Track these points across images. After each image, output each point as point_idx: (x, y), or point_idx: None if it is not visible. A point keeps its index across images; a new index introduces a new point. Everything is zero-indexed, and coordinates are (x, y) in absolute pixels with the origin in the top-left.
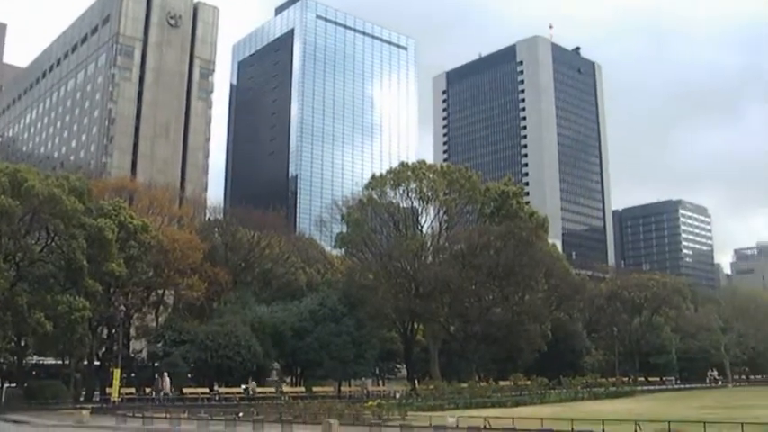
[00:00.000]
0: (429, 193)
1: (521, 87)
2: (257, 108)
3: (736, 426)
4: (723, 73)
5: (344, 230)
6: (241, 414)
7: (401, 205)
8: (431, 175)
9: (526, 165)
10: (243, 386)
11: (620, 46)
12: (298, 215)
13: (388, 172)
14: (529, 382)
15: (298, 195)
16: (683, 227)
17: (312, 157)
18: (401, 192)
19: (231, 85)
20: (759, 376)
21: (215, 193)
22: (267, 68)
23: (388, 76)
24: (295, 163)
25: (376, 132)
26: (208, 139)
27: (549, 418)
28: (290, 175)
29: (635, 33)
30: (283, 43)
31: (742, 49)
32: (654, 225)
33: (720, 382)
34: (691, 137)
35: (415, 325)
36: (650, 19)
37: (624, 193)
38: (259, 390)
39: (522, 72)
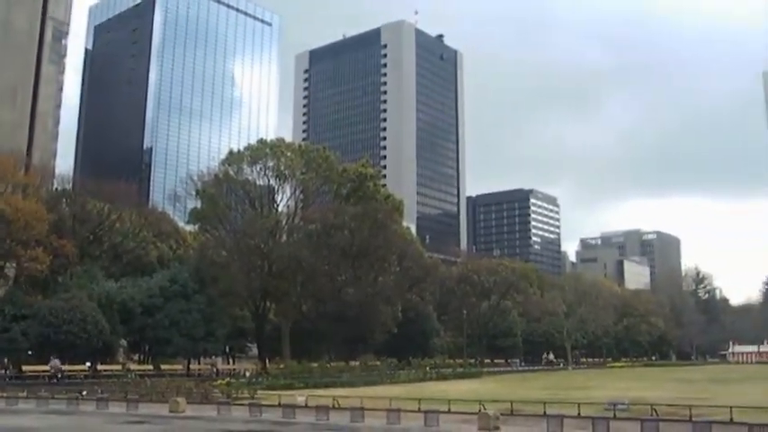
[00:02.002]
0: (286, 172)
1: (383, 71)
2: (113, 76)
3: (573, 405)
4: (583, 67)
5: (199, 206)
6: (84, 392)
7: (257, 183)
8: (289, 154)
9: (385, 148)
10: (49, 364)
11: (484, 35)
12: (151, 188)
13: (246, 149)
14: (379, 363)
15: (152, 168)
16: (533, 215)
17: (169, 129)
18: (258, 169)
19: (86, 50)
20: (597, 359)
21: (66, 162)
22: (125, 35)
23: (251, 52)
24: (151, 135)
25: (236, 108)
26: (59, 106)
27: (397, 398)
28: (144, 146)
29: (499, 23)
30: (143, 10)
31: (603, 44)
32: (506, 212)
33: (562, 365)
34: (548, 128)
35: (268, 304)
36: (515, 10)
37: (480, 180)
38: (105, 368)
39: (385, 56)
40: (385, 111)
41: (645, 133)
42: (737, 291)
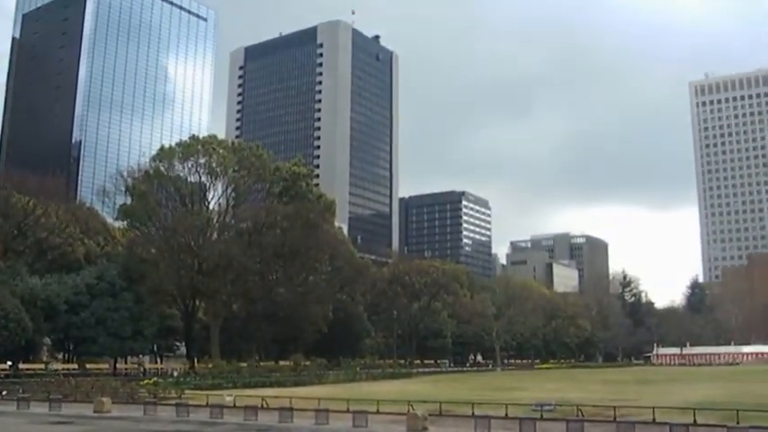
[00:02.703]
0: (218, 169)
1: (319, 70)
2: (42, 66)
3: (501, 406)
4: (517, 71)
5: (129, 202)
6: (5, 392)
7: (189, 179)
8: (221, 151)
9: (318, 147)
10: None
11: (421, 38)
12: (80, 183)
13: (178, 145)
14: (309, 363)
15: (81, 162)
16: (464, 217)
17: (99, 123)
18: (190, 166)
19: (13, 39)
20: (525, 360)
21: None
22: (55, 25)
23: (186, 47)
24: (80, 128)
25: (168, 103)
26: None
27: (326, 399)
28: (73, 140)
29: (435, 27)
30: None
31: (536, 49)
32: (437, 214)
33: (490, 366)
34: (481, 131)
35: (197, 302)
36: (451, 14)
37: (413, 181)
38: (27, 367)
39: (321, 55)
40: (319, 110)
41: (576, 138)
42: (662, 295)
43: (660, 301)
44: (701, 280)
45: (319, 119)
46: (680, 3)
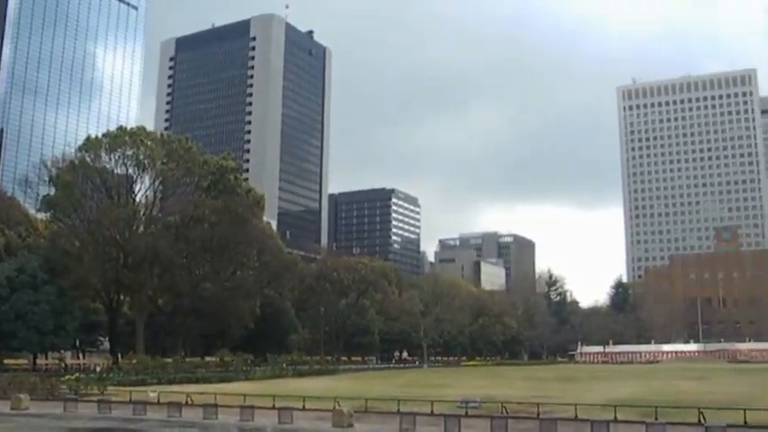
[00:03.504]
0: (146, 161)
1: (251, 63)
2: None
3: (427, 403)
4: (451, 70)
5: (52, 193)
6: None
7: (115, 171)
8: (149, 143)
9: (249, 141)
10: None
11: (355, 34)
12: (1, 172)
13: (105, 135)
14: (235, 359)
15: (2, 150)
16: (394, 214)
17: (22, 110)
18: (117, 157)
19: None
20: (452, 357)
21: None
22: None
23: (115, 35)
24: (1, 115)
25: (96, 93)
26: None
27: (252, 395)
28: None
29: (370, 23)
30: None
31: (471, 48)
32: (367, 211)
33: (417, 363)
34: (414, 129)
35: (122, 296)
36: (386, 11)
37: (344, 178)
38: None
39: (253, 48)
40: (251, 104)
41: (507, 138)
42: (588, 294)
43: (585, 300)
44: (624, 280)
45: (250, 113)
46: (613, 9)
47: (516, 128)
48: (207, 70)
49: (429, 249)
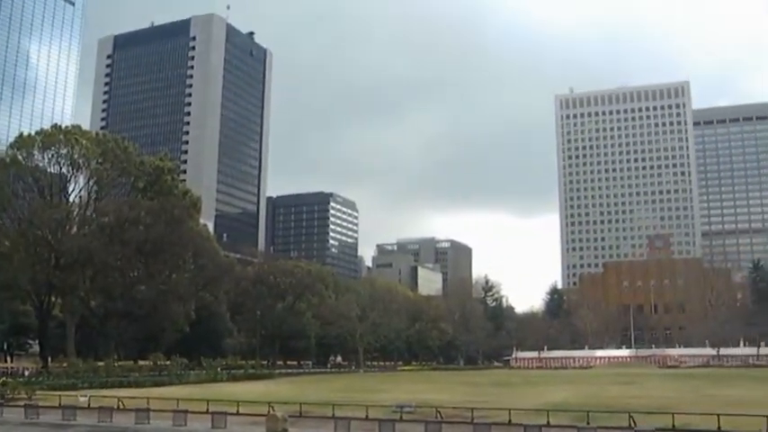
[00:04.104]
0: (80, 161)
1: (190, 63)
2: None
3: (362, 408)
4: (393, 76)
5: None
6: None
7: (48, 170)
8: (84, 142)
9: (187, 142)
10: None
11: (296, 38)
12: None
13: (38, 133)
14: (169, 363)
15: None
16: (332, 218)
17: None
18: (50, 156)
19: None
20: (389, 362)
21: None
22: None
23: (50, 31)
24: None
25: (29, 90)
26: None
27: (185, 399)
28: None
29: (311, 28)
30: None
31: (412, 55)
32: (305, 214)
33: (353, 367)
34: (354, 134)
35: (53, 298)
36: (328, 16)
37: (283, 181)
38: None
39: (193, 48)
40: (189, 104)
41: (446, 144)
42: (524, 299)
43: (521, 306)
44: (560, 286)
45: (189, 113)
46: (554, 18)
47: (456, 134)
48: (145, 69)
49: (367, 254)
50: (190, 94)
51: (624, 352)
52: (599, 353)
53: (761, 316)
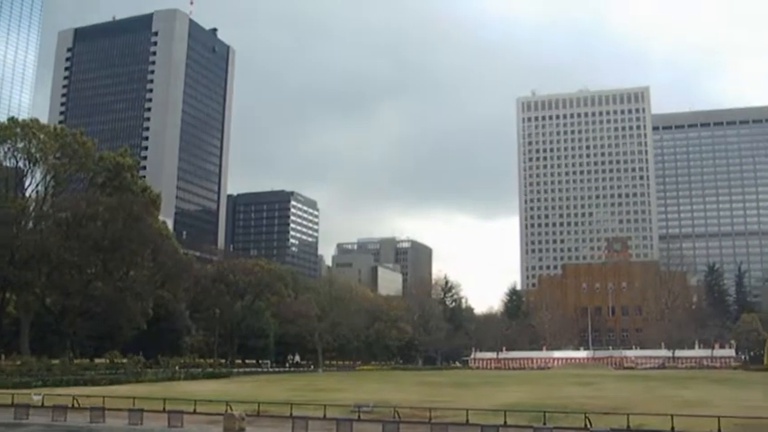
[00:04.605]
0: (38, 155)
1: (152, 59)
2: None
3: (320, 407)
4: (358, 76)
5: None
6: None
7: (5, 164)
8: (42, 136)
9: (147, 138)
10: None
11: (261, 35)
12: None
13: None
14: (126, 361)
15: None
16: (292, 217)
17: None
18: (6, 149)
19: None
20: (347, 362)
21: None
22: None
23: (8, 22)
24: None
25: None
26: None
27: (141, 398)
28: None
29: (277, 25)
30: None
31: (379, 58)
32: (266, 213)
33: (312, 366)
34: (316, 133)
35: (8, 295)
36: (296, 14)
37: (244, 179)
38: None
39: (155, 43)
40: (150, 100)
41: (409, 145)
42: (483, 300)
43: (481, 307)
44: (519, 287)
45: (149, 109)
46: (519, 21)
47: (418, 135)
48: (106, 63)
49: (327, 253)
50: (151, 90)
51: (582, 353)
52: (557, 354)
53: (715, 319)
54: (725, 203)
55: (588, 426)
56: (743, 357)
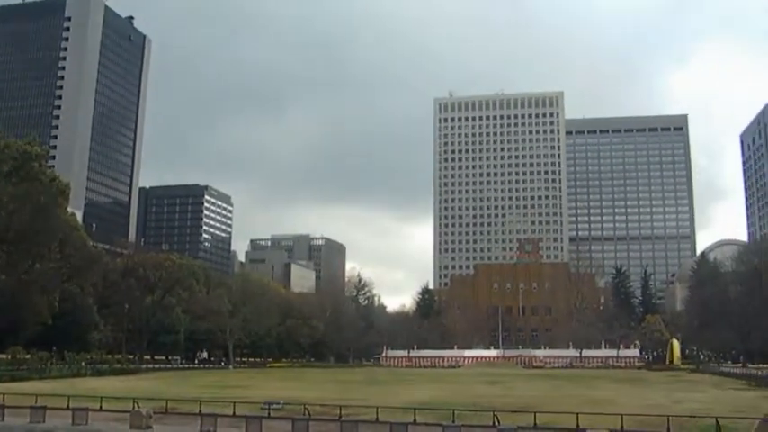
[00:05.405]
0: None
1: (64, 45)
2: None
3: (229, 404)
4: (277, 73)
5: None
6: None
7: None
8: None
9: (57, 127)
10: None
11: (179, 27)
12: None
13: None
14: (29, 356)
15: None
16: (206, 212)
17: None
18: None
19: None
20: (259, 359)
21: None
22: None
23: None
24: None
25: None
26: None
27: (45, 395)
28: None
29: (195, 17)
30: None
31: (299, 55)
32: (179, 207)
33: (223, 363)
34: (233, 128)
35: None
36: (214, 8)
37: (158, 172)
38: None
39: (68, 29)
40: (62, 88)
41: (327, 142)
42: (398, 299)
43: (394, 306)
44: (431, 286)
45: (60, 97)
46: (442, 21)
47: (337, 133)
48: (15, 48)
49: (240, 249)
50: (62, 77)
51: (492, 352)
52: (467, 352)
53: (621, 319)
54: (633, 208)
55: (496, 424)
56: (646, 357)
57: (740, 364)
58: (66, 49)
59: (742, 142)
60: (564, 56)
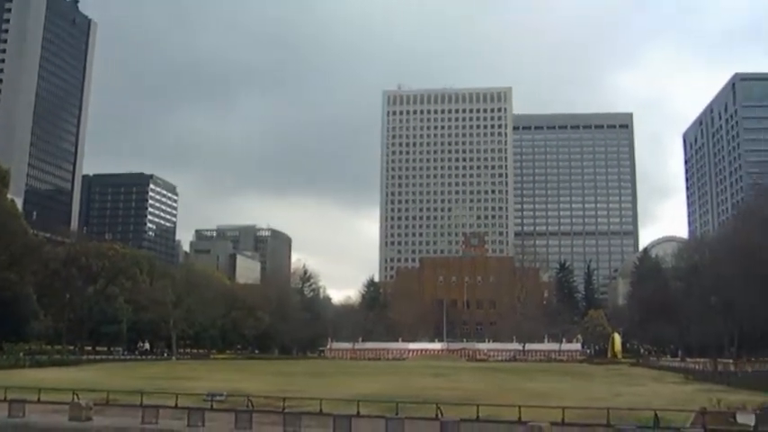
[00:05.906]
0: None
1: (5, 27)
2: None
3: (172, 396)
4: (227, 62)
5: None
6: None
7: None
8: None
9: None
10: None
11: (129, 13)
12: None
13: None
14: None
15: None
16: (150, 201)
17: None
18: None
19: None
20: (202, 350)
21: None
22: None
23: None
24: None
25: None
26: None
27: None
28: None
29: (143, 3)
30: None
31: (249, 44)
32: (123, 195)
33: (166, 354)
34: (180, 117)
35: None
36: None
37: (102, 160)
38: None
39: (9, 10)
40: (2, 71)
41: (274, 133)
42: (343, 291)
43: (341, 298)
44: (377, 279)
45: (1, 80)
46: (395, 13)
47: (286, 124)
48: None
49: (185, 239)
50: (3, 60)
51: (436, 345)
52: (412, 345)
53: (564, 314)
54: (577, 204)
55: (439, 416)
56: (588, 351)
57: (679, 359)
58: (6, 31)
59: (684, 141)
60: (513, 52)
